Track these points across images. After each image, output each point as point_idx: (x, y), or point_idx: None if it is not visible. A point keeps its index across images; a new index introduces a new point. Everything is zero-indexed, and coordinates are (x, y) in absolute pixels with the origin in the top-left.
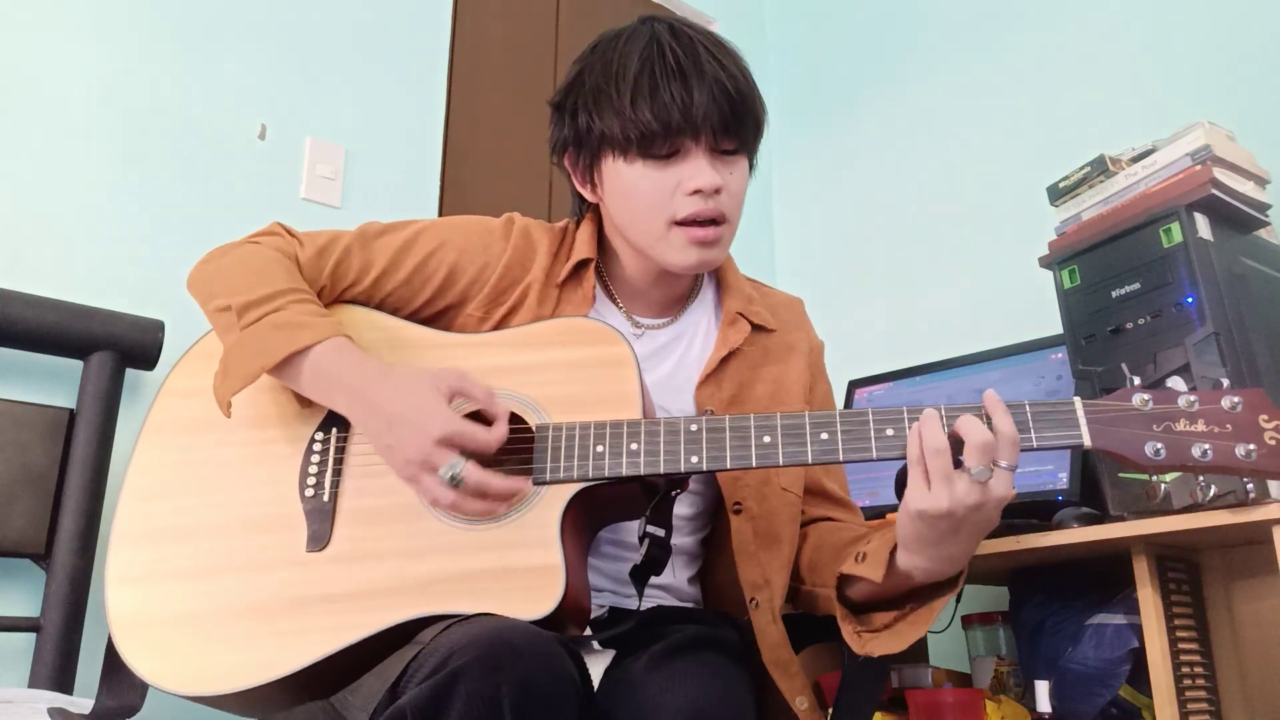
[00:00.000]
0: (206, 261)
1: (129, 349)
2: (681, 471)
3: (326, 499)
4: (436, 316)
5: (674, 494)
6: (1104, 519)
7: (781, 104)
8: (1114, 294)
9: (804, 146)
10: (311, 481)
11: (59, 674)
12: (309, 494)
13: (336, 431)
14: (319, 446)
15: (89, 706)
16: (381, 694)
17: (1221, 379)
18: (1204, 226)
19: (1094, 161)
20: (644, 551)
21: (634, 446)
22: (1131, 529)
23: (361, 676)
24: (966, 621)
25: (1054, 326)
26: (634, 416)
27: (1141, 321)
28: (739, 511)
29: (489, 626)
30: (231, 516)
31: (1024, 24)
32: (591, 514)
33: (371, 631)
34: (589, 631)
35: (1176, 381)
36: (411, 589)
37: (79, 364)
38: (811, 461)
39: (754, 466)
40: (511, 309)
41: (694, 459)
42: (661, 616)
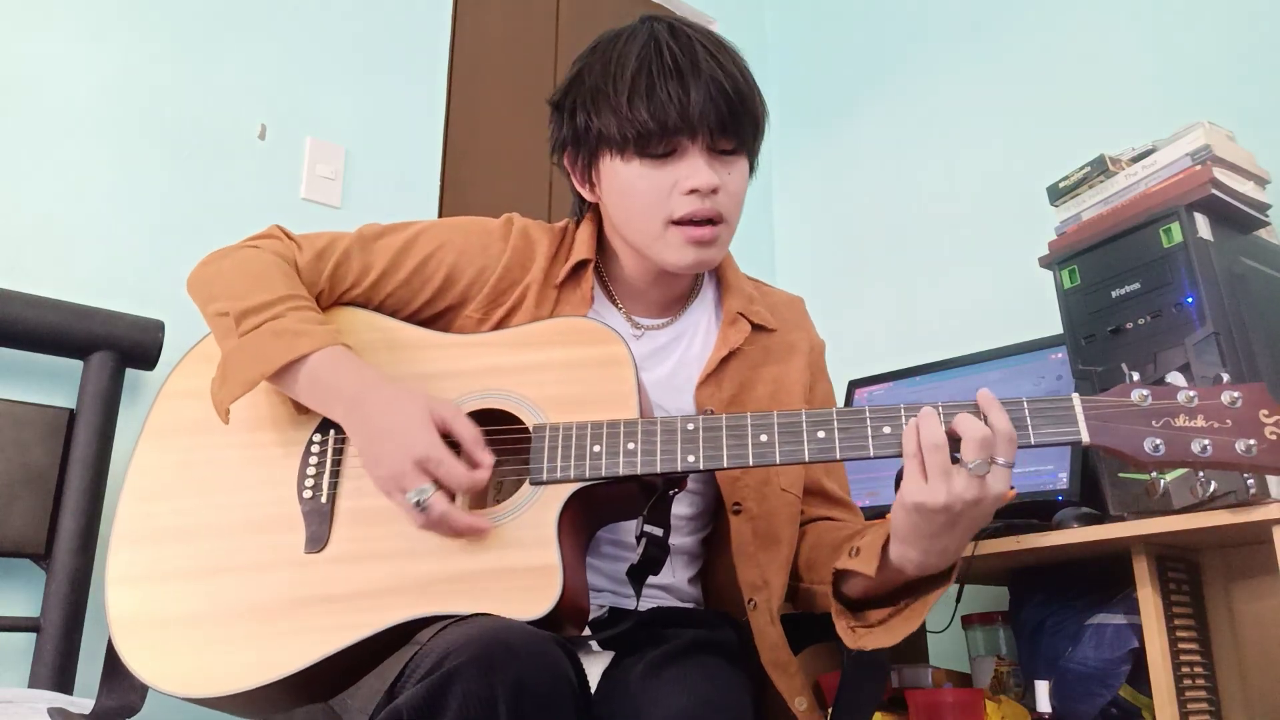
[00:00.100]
0: (206, 264)
1: (129, 349)
2: (678, 471)
3: (324, 500)
4: (435, 318)
5: (671, 494)
6: (1104, 519)
7: (781, 104)
8: (1114, 294)
9: (804, 146)
10: (310, 483)
11: (59, 674)
12: (307, 495)
13: (335, 433)
14: (317, 448)
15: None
16: (380, 695)
17: (1222, 374)
18: (1204, 226)
19: (1094, 161)
20: (641, 551)
21: (631, 446)
22: (1131, 529)
23: (360, 678)
24: (966, 621)
25: (1054, 326)
26: (631, 416)
27: (1141, 321)
28: (738, 512)
29: (485, 626)
30: (231, 517)
31: (1024, 24)
32: (589, 514)
33: (370, 632)
34: (588, 632)
35: (1176, 377)
36: (410, 589)
37: (79, 364)
38: (808, 460)
39: (751, 465)
40: (510, 310)
41: (691, 458)
42: (661, 617)
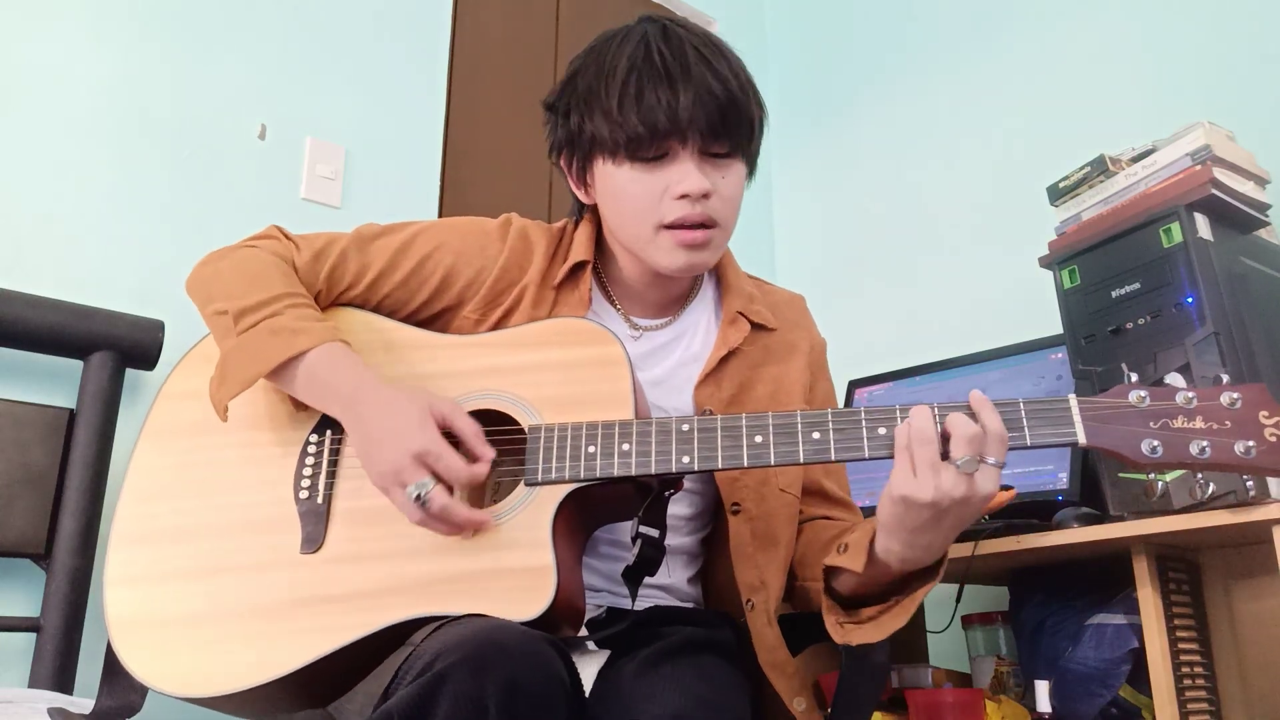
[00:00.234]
0: (204, 265)
1: (129, 349)
2: (673, 472)
3: (320, 501)
4: (433, 318)
5: (667, 494)
6: (1104, 519)
7: (781, 104)
8: (1114, 294)
9: (804, 146)
10: (306, 483)
11: (59, 674)
12: (303, 496)
13: (331, 433)
14: (313, 448)
15: (89, 706)
16: (377, 698)
17: (1221, 375)
18: (1204, 226)
19: (1094, 161)
20: (636, 552)
21: (626, 447)
22: (1131, 529)
23: (357, 680)
24: (966, 621)
25: (1054, 326)
26: (626, 417)
27: (1141, 321)
28: (737, 512)
29: (477, 627)
30: (228, 518)
31: (1024, 24)
32: (585, 514)
33: (366, 632)
34: (585, 632)
35: (1175, 378)
36: (405, 590)
37: (79, 364)
38: (804, 461)
39: (746, 466)
40: (508, 311)
41: (685, 459)
42: (658, 616)
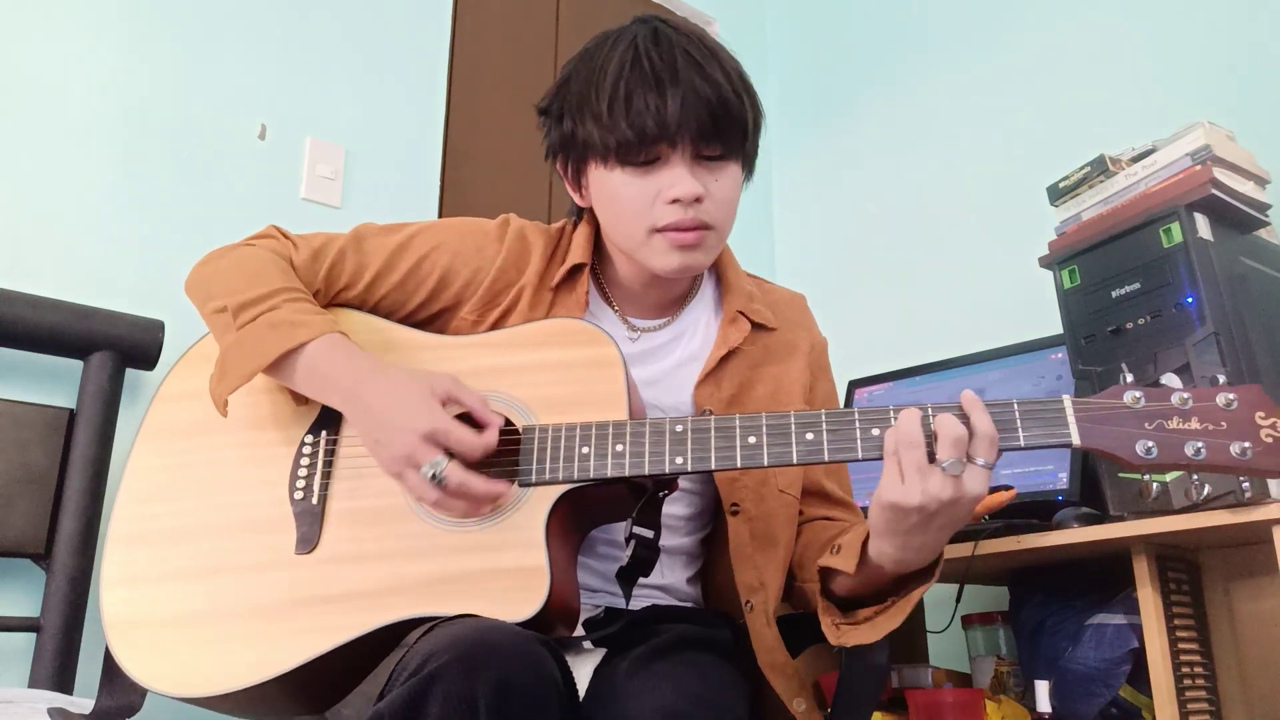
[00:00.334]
0: (203, 265)
1: (129, 349)
2: (666, 473)
3: (315, 501)
4: (431, 319)
5: (662, 495)
6: (1104, 519)
7: (781, 104)
8: (1114, 294)
9: (804, 146)
10: (301, 484)
11: (59, 674)
12: (298, 496)
13: (326, 434)
14: (308, 449)
15: (89, 706)
16: (374, 699)
17: (1218, 376)
18: (1204, 226)
19: (1094, 161)
20: (630, 552)
21: (619, 448)
22: (1131, 529)
23: (353, 682)
24: (966, 621)
25: (1054, 326)
26: (621, 417)
27: (1141, 321)
28: (736, 513)
29: (469, 627)
30: (224, 519)
31: (1024, 24)
32: (579, 515)
33: (361, 633)
34: (581, 631)
35: (1171, 378)
36: (399, 590)
37: (79, 364)
38: (797, 462)
39: (739, 467)
40: (505, 312)
41: (679, 460)
42: (656, 616)
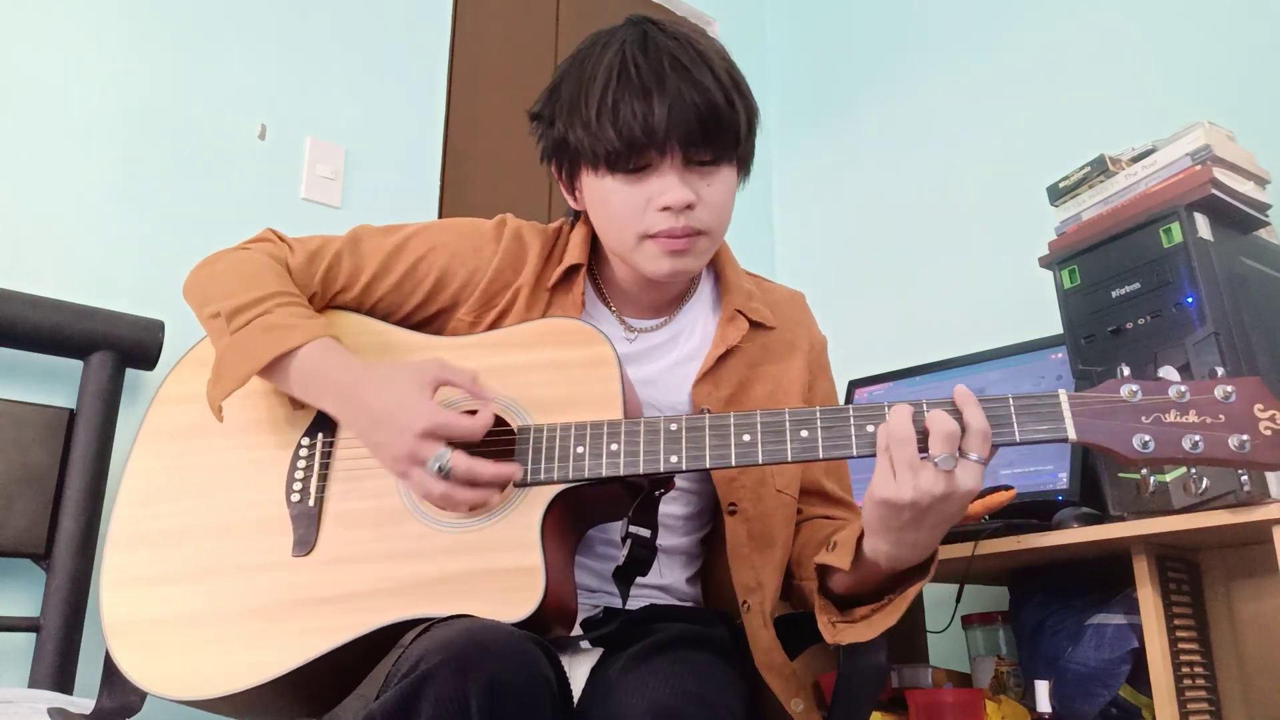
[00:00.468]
0: (199, 269)
1: (129, 349)
2: (661, 472)
3: (312, 503)
4: (428, 321)
5: (658, 494)
6: (1104, 519)
7: (781, 104)
8: (1114, 294)
9: (804, 147)
10: (298, 486)
11: (59, 674)
12: (295, 499)
13: (322, 436)
14: (305, 451)
15: (89, 706)
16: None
17: (1216, 369)
18: (1204, 226)
19: (1094, 161)
20: (626, 552)
21: (614, 447)
22: (1131, 529)
23: (351, 684)
24: (966, 621)
25: (1054, 326)
26: (616, 417)
27: (1141, 321)
28: (734, 513)
29: (461, 628)
30: (222, 521)
31: (1024, 24)
32: (575, 515)
33: (358, 634)
34: (579, 631)
35: (1169, 371)
36: (396, 591)
37: (79, 364)
38: (791, 459)
39: (734, 465)
40: (502, 312)
41: (673, 459)
42: (654, 616)
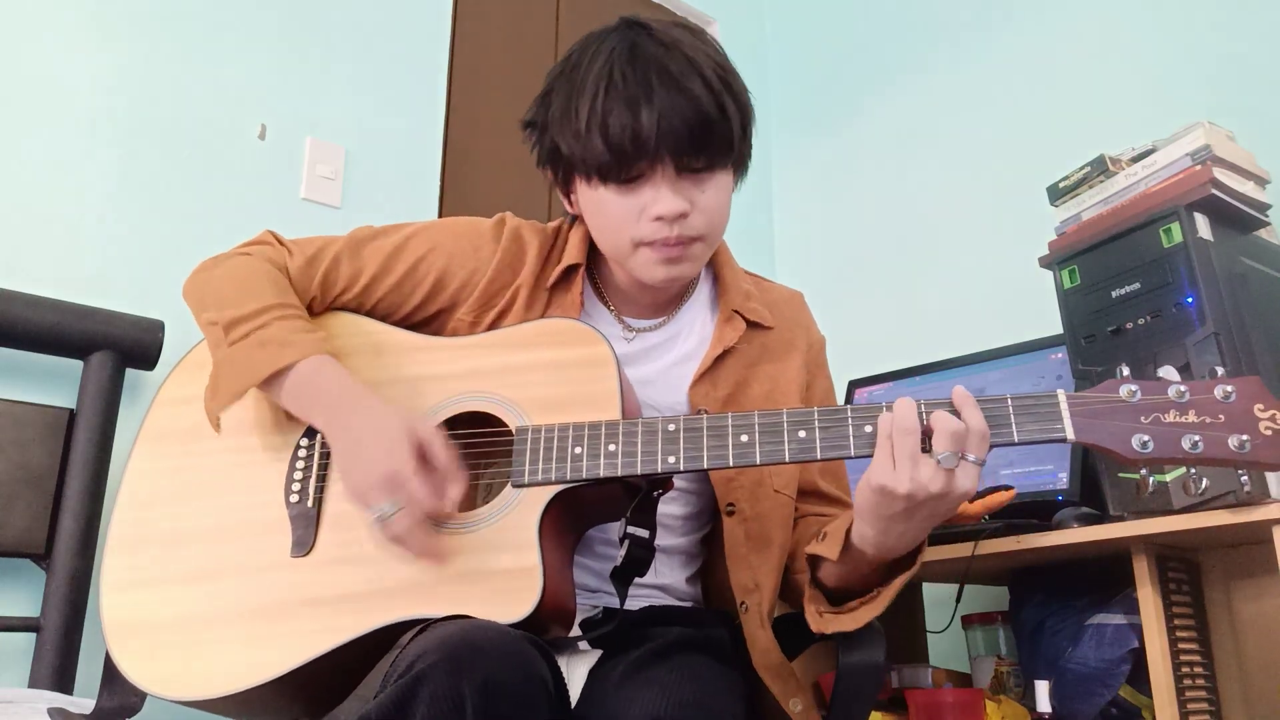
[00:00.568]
0: (198, 273)
1: (129, 349)
2: (659, 472)
3: (310, 505)
4: (428, 321)
5: (657, 494)
6: (1104, 519)
7: (782, 104)
8: (1114, 294)
9: (804, 147)
10: (296, 487)
11: (59, 674)
12: (293, 500)
13: (320, 438)
14: (303, 453)
15: (89, 706)
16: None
17: (1216, 369)
18: (1204, 226)
19: (1094, 161)
20: (624, 553)
21: (612, 448)
22: (1131, 529)
23: (350, 684)
24: (966, 621)
25: (1054, 326)
26: (614, 417)
27: (1141, 321)
28: (731, 513)
29: (457, 628)
30: (222, 522)
31: (1024, 24)
32: (573, 515)
33: (357, 634)
34: (577, 631)
35: (1169, 371)
36: (394, 592)
37: (79, 364)
38: (789, 460)
39: (731, 466)
40: (501, 312)
41: (671, 459)
42: (653, 616)
